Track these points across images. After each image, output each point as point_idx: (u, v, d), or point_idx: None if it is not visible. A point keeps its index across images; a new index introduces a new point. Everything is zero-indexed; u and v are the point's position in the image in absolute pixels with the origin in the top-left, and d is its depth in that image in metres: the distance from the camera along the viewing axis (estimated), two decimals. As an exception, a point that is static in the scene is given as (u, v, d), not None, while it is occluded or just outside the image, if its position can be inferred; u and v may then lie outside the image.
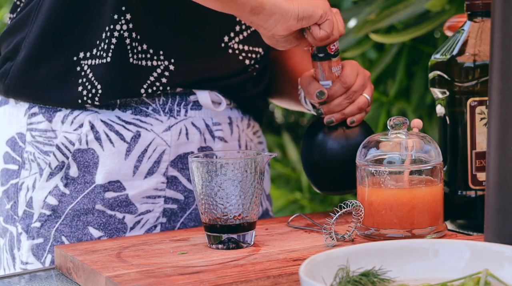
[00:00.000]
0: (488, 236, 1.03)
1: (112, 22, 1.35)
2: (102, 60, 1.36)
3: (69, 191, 1.38)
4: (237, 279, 1.07)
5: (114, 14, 1.35)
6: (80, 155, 1.38)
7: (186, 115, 1.42)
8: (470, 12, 1.30)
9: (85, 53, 1.37)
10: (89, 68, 1.37)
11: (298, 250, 1.20)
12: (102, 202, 1.38)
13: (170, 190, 1.41)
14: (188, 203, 1.43)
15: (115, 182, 1.38)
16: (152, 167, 1.40)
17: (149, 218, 1.40)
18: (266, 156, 1.22)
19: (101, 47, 1.36)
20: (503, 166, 1.01)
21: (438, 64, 1.31)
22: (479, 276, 0.92)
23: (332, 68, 1.36)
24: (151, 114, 1.40)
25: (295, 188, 3.07)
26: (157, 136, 1.39)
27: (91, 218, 1.38)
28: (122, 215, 1.39)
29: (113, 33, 1.35)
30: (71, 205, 1.38)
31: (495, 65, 1.02)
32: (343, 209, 1.21)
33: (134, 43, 1.36)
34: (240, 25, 1.43)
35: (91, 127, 1.38)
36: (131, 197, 1.39)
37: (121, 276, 1.10)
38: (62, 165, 1.38)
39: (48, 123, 1.39)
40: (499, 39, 1.01)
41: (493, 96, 1.02)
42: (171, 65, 1.38)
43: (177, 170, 1.41)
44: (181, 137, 1.41)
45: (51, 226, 1.38)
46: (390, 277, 0.95)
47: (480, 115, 1.27)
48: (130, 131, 1.38)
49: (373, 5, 2.15)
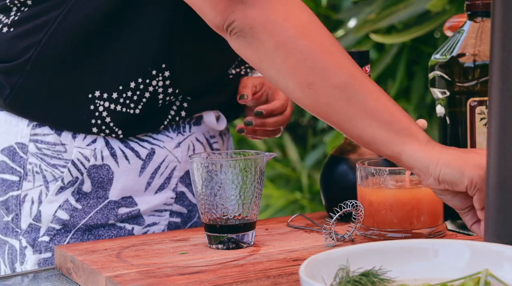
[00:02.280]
0: (488, 236, 1.03)
1: (148, 77, 1.34)
2: (129, 110, 1.34)
3: (81, 206, 1.36)
4: (237, 279, 1.07)
5: (152, 69, 1.33)
6: (94, 171, 1.36)
7: (191, 131, 1.42)
8: (470, 12, 1.30)
9: (102, 94, 1.33)
10: (106, 111, 1.34)
11: (298, 250, 1.20)
12: (115, 217, 1.37)
13: (177, 205, 1.42)
14: (191, 216, 1.44)
15: (127, 197, 1.38)
16: (163, 183, 1.40)
17: (155, 230, 1.41)
18: (266, 156, 1.22)
19: (126, 95, 1.33)
20: (503, 166, 1.01)
21: (438, 64, 1.31)
22: (479, 276, 0.92)
23: None
24: (162, 132, 1.40)
25: (295, 188, 3.08)
26: (170, 153, 1.40)
27: (102, 231, 1.37)
28: (131, 226, 1.39)
29: (147, 88, 1.34)
30: (84, 220, 1.36)
31: (495, 65, 1.02)
32: (343, 209, 1.21)
33: (169, 97, 1.36)
34: None
35: (106, 144, 1.36)
36: (142, 212, 1.39)
37: (121, 276, 1.10)
38: (76, 180, 1.36)
39: (57, 137, 1.35)
40: (499, 39, 1.01)
41: (493, 96, 1.02)
42: (185, 103, 1.39)
43: (185, 185, 1.42)
44: (189, 153, 1.42)
45: (61, 240, 1.36)
46: (390, 277, 0.95)
47: (480, 115, 1.27)
48: (145, 148, 1.38)
49: (373, 5, 2.16)
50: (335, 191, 1.36)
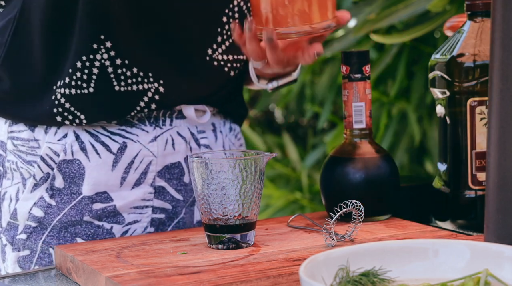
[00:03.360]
0: (488, 236, 1.03)
1: (91, 52, 1.33)
2: (83, 90, 1.34)
3: (55, 202, 1.36)
4: (237, 279, 1.07)
5: (92, 43, 1.32)
6: (65, 166, 1.36)
7: (172, 125, 1.41)
8: (470, 12, 1.30)
9: (57, 81, 1.34)
10: (63, 97, 1.34)
11: (298, 250, 1.20)
12: (90, 213, 1.37)
13: (158, 200, 1.41)
14: (176, 212, 1.43)
15: (102, 193, 1.37)
16: (139, 178, 1.39)
17: (137, 228, 1.40)
18: (266, 156, 1.22)
19: (76, 77, 1.33)
20: (503, 166, 1.01)
21: (438, 64, 1.31)
22: (479, 276, 0.92)
23: (366, 90, 1.35)
24: (136, 125, 1.38)
25: (295, 188, 3.08)
26: (144, 147, 1.38)
27: (79, 229, 1.37)
28: (110, 225, 1.38)
29: (93, 63, 1.33)
30: (58, 216, 1.36)
31: (495, 65, 1.02)
32: (343, 209, 1.21)
33: (120, 70, 1.34)
34: (222, 35, 1.41)
35: (76, 138, 1.36)
36: (118, 208, 1.38)
37: (121, 276, 1.10)
38: (47, 176, 1.36)
39: (31, 133, 1.37)
40: (499, 39, 1.01)
41: (493, 96, 1.02)
42: (161, 87, 1.37)
43: (165, 180, 1.41)
44: (167, 147, 1.40)
45: (37, 238, 1.37)
46: (390, 277, 0.95)
47: (480, 115, 1.27)
48: (116, 142, 1.37)
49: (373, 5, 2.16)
50: (335, 191, 1.36)
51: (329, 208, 1.33)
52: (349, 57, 1.35)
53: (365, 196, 1.32)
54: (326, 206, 1.37)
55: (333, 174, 1.36)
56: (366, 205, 1.26)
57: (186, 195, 1.43)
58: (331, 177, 1.36)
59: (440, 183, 1.33)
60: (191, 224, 1.45)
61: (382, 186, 1.34)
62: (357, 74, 1.34)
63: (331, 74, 2.69)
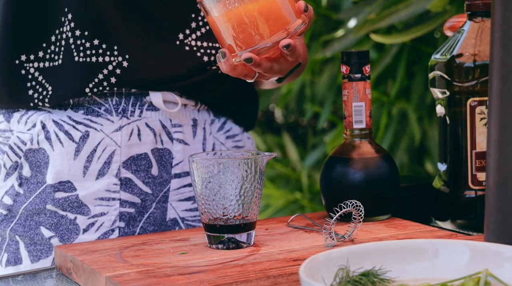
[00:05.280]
0: (488, 236, 1.03)
1: (61, 25, 1.36)
2: (54, 63, 1.37)
3: (23, 190, 1.39)
4: (237, 279, 1.07)
5: (61, 17, 1.36)
6: (31, 155, 1.39)
7: (141, 116, 1.40)
8: (470, 12, 1.30)
9: (28, 56, 1.37)
10: (37, 71, 1.37)
11: (298, 250, 1.20)
12: (52, 202, 1.38)
13: (125, 193, 1.40)
14: (146, 206, 1.42)
15: (65, 182, 1.38)
16: (102, 167, 1.39)
17: (104, 220, 1.39)
18: (266, 156, 1.22)
19: (50, 50, 1.37)
20: (503, 166, 1.01)
21: (438, 64, 1.31)
22: (479, 276, 0.92)
23: (366, 90, 1.35)
24: (102, 115, 1.39)
25: (295, 188, 3.07)
26: (106, 137, 1.38)
27: (43, 218, 1.38)
28: (74, 216, 1.38)
29: (62, 36, 1.36)
30: (24, 204, 1.39)
31: (495, 65, 1.02)
32: (343, 209, 1.21)
33: (80, 41, 1.36)
34: (197, 21, 1.41)
35: (42, 127, 1.38)
36: (81, 197, 1.38)
37: (121, 276, 1.10)
38: (16, 164, 1.39)
39: (7, 123, 1.42)
40: (499, 39, 1.01)
41: (493, 96, 1.02)
42: (125, 61, 1.37)
43: (131, 172, 1.40)
44: (132, 138, 1.39)
45: (6, 225, 1.40)
46: (390, 277, 0.95)
47: (480, 115, 1.27)
48: (79, 131, 1.38)
49: (373, 5, 2.16)
50: (335, 191, 1.36)
51: (329, 208, 1.34)
52: (349, 57, 1.35)
53: (365, 196, 1.32)
54: (326, 206, 1.37)
55: (333, 174, 1.36)
56: (366, 205, 1.26)
57: (155, 188, 1.42)
58: (331, 177, 1.36)
59: (440, 183, 1.33)
60: (163, 220, 1.43)
61: (382, 186, 1.34)
62: (357, 74, 1.34)
63: (331, 74, 2.69)
